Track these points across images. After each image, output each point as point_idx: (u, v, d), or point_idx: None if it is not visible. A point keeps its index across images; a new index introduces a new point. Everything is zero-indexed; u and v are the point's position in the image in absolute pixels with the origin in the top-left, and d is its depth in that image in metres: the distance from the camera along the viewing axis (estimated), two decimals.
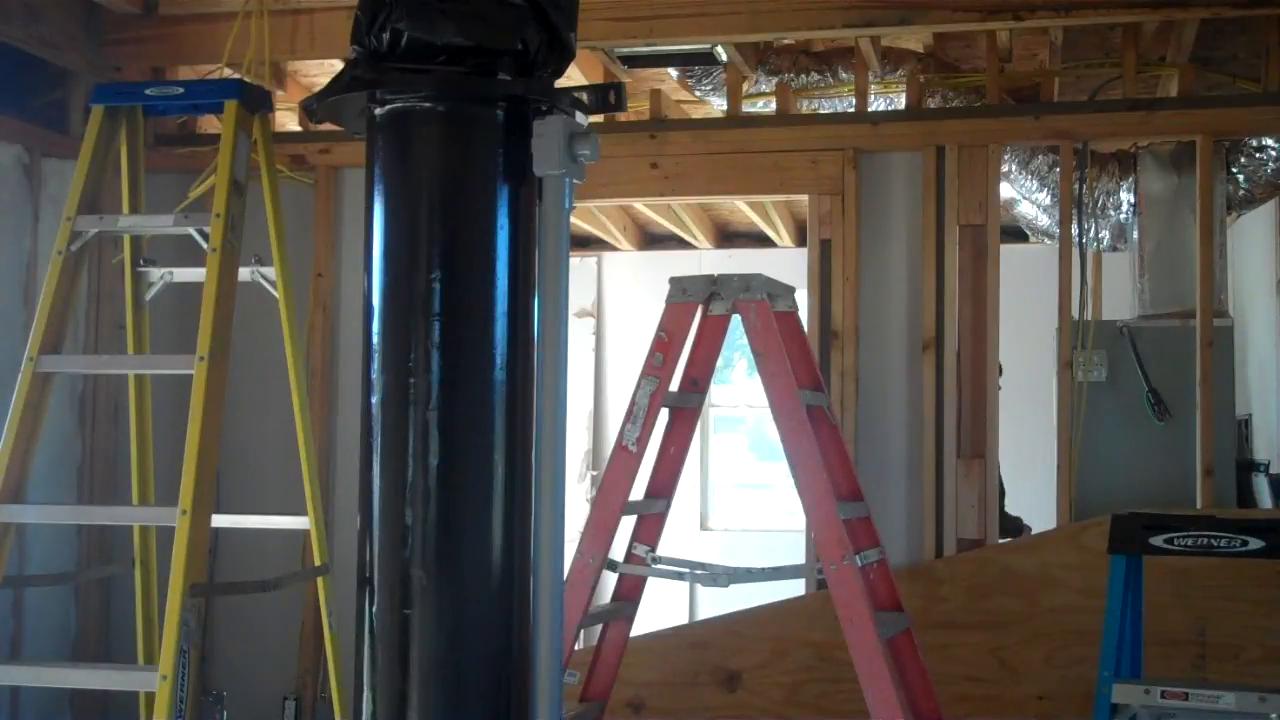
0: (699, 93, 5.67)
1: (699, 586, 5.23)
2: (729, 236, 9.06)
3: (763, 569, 3.94)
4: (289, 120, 6.13)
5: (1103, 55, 5.45)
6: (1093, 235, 5.98)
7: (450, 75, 2.16)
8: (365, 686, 2.16)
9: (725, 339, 4.08)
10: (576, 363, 8.08)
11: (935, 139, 5.02)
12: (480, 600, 2.15)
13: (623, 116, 5.38)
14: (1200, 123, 4.92)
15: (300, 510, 4.11)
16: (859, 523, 3.98)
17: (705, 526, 9.41)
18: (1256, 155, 5.47)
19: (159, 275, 4.10)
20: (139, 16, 5.40)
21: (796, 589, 5.06)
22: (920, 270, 5.00)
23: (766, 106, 5.56)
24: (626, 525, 4.06)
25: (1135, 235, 5.76)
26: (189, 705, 3.26)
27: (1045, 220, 6.10)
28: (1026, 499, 5.93)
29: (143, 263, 4.10)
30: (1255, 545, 3.55)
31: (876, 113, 5.36)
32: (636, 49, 5.28)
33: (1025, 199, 6.04)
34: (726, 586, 3.87)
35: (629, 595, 4.18)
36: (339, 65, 2.79)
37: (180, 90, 4.01)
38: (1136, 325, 5.30)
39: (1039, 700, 4.71)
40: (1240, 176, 5.54)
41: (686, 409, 4.16)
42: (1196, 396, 4.80)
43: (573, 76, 5.13)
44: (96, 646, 5.29)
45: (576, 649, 4.40)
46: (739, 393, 9.82)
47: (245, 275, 3.89)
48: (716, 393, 9.48)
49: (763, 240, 8.78)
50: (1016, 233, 6.79)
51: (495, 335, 2.16)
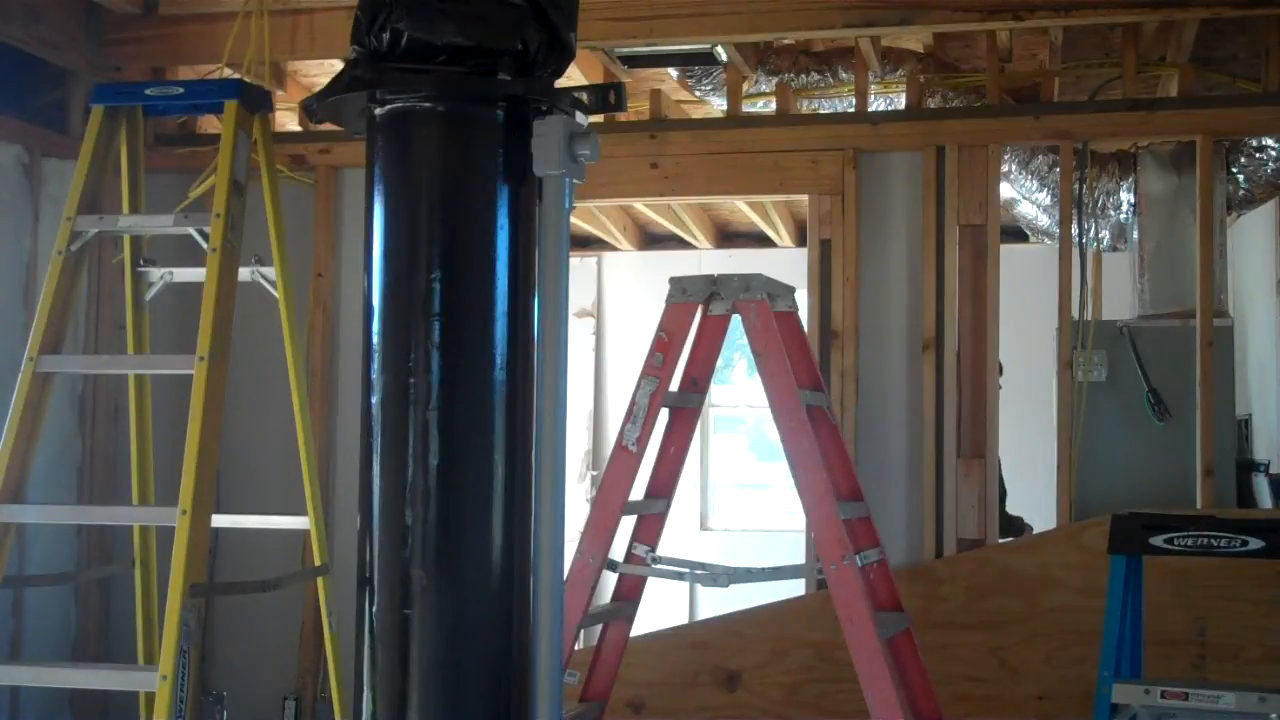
0: (699, 93, 5.67)
1: (699, 586, 5.23)
2: (729, 236, 9.06)
3: (763, 569, 3.94)
4: (289, 120, 6.13)
5: (1103, 55, 5.45)
6: (1093, 235, 5.98)
7: (450, 75, 2.16)
8: (365, 686, 2.16)
9: (725, 339, 4.08)
10: (576, 363, 8.08)
11: (935, 139, 5.02)
12: (480, 600, 2.15)
13: (623, 116, 5.38)
14: (1200, 123, 4.92)
15: (300, 510, 4.11)
16: (859, 523, 3.98)
17: (705, 526, 9.41)
18: (1256, 155, 5.47)
19: (159, 275, 4.10)
20: (139, 16, 5.40)
21: (796, 589, 5.06)
22: (920, 270, 5.00)
23: (766, 106, 5.56)
24: (626, 525, 4.06)
25: (1135, 235, 5.76)
26: (189, 705, 3.26)
27: (1045, 220, 6.10)
28: (1026, 499, 5.93)
29: (143, 263, 4.10)
30: (1255, 545, 3.55)
31: (876, 113, 5.36)
32: (636, 49, 5.28)
33: (1025, 199, 6.04)
34: (726, 586, 3.87)
35: (629, 595, 4.18)
36: (339, 65, 2.79)
37: (180, 90, 4.01)
38: (1136, 325, 5.30)
39: (1039, 700, 4.71)
40: (1240, 176, 5.54)
41: (686, 409, 4.16)
42: (1196, 396, 4.80)
43: (573, 76, 5.13)
44: (96, 646, 5.29)
45: (576, 649, 4.40)
46: (739, 393, 9.82)
47: (245, 275, 3.89)
48: (716, 393, 9.47)
49: (763, 240, 8.78)
50: (1016, 233, 6.79)
51: (495, 335, 2.16)
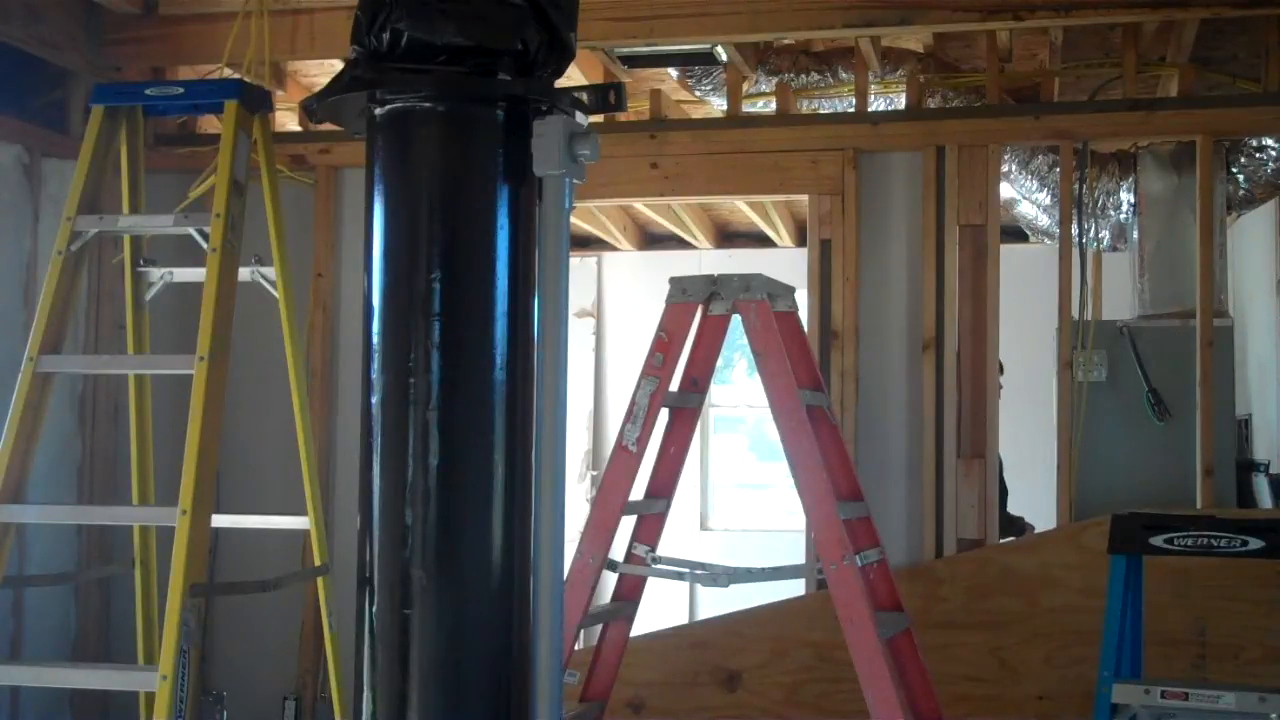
0: (699, 93, 5.67)
1: (699, 586, 5.22)
2: (729, 236, 9.06)
3: (763, 569, 3.94)
4: (289, 120, 6.13)
5: (1103, 55, 5.45)
6: (1093, 235, 5.98)
7: (450, 75, 2.16)
8: (365, 686, 2.16)
9: (725, 339, 4.08)
10: (576, 363, 8.08)
11: (935, 139, 5.02)
12: (480, 600, 2.15)
13: (623, 116, 5.38)
14: (1200, 123, 4.92)
15: (300, 510, 4.11)
16: (859, 523, 3.98)
17: (705, 526, 9.41)
18: (1256, 155, 5.47)
19: (159, 275, 4.10)
20: (139, 16, 5.40)
21: (796, 589, 5.05)
22: (920, 270, 5.00)
23: (766, 106, 5.56)
24: (626, 525, 4.06)
25: (1135, 235, 5.76)
26: (189, 705, 3.26)
27: (1045, 220, 6.10)
28: (1026, 499, 5.93)
29: (143, 263, 4.10)
30: (1255, 545, 3.55)
31: (876, 113, 5.36)
32: (636, 49, 5.28)
33: (1025, 199, 6.04)
34: (726, 586, 3.87)
35: (629, 595, 4.18)
36: (339, 65, 2.79)
37: (180, 90, 4.01)
38: (1136, 325, 5.30)
39: (1039, 700, 4.71)
40: (1240, 176, 5.54)
41: (686, 409, 4.16)
42: (1196, 396, 4.80)
43: (573, 76, 5.13)
44: (96, 646, 5.29)
45: (576, 649, 4.40)
46: (739, 393, 9.82)
47: (245, 275, 3.89)
48: (716, 393, 9.47)
49: (763, 240, 8.78)
50: (1016, 233, 6.79)
51: (495, 335, 2.16)
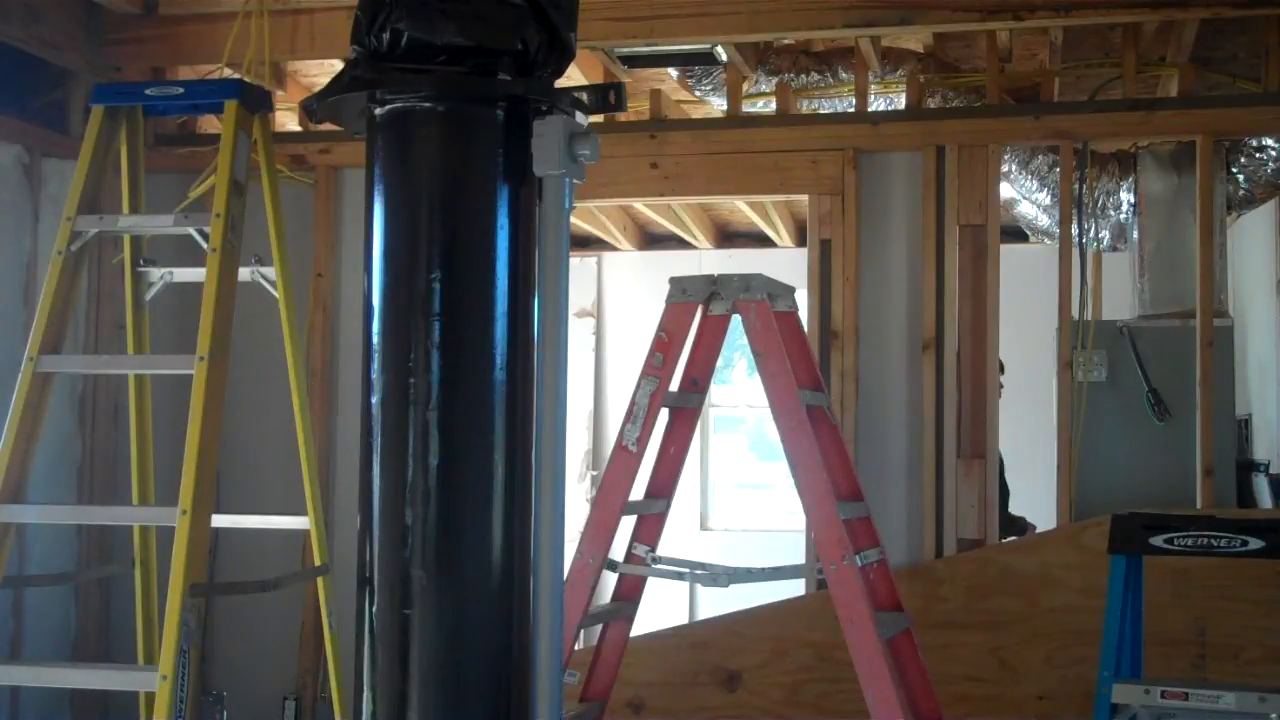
0: (699, 93, 5.67)
1: (699, 586, 5.22)
2: (729, 236, 9.06)
3: (763, 569, 3.94)
4: (289, 120, 6.13)
5: (1103, 55, 5.45)
6: (1093, 235, 5.98)
7: (450, 75, 2.16)
8: (365, 686, 2.16)
9: (725, 339, 4.08)
10: (576, 363, 8.08)
11: (935, 139, 5.02)
12: (480, 600, 2.15)
13: (623, 116, 5.38)
14: (1200, 123, 4.92)
15: (300, 510, 4.11)
16: (859, 523, 3.98)
17: (705, 526, 9.41)
18: (1256, 155, 5.47)
19: (159, 275, 4.10)
20: (139, 16, 5.40)
21: (796, 589, 5.05)
22: (920, 270, 5.00)
23: (766, 106, 5.56)
24: (626, 525, 4.06)
25: (1135, 235, 5.76)
26: (189, 705, 3.26)
27: (1045, 220, 6.10)
28: (1026, 499, 5.93)
29: (143, 263, 4.10)
30: (1255, 545, 3.55)
31: (876, 113, 5.36)
32: (636, 49, 5.28)
33: (1025, 199, 6.04)
34: (726, 586, 3.87)
35: (629, 595, 4.18)
36: (339, 65, 2.79)
37: (180, 90, 4.01)
38: (1136, 325, 5.30)
39: (1039, 700, 4.71)
40: (1240, 176, 5.54)
41: (686, 409, 4.16)
42: (1196, 396, 4.80)
43: (573, 76, 5.13)
44: (96, 646, 5.29)
45: (576, 649, 4.40)
46: (739, 393, 9.82)
47: (245, 275, 3.89)
48: (716, 393, 9.47)
49: (763, 240, 8.78)
50: (1016, 233, 6.79)
51: (495, 335, 2.16)
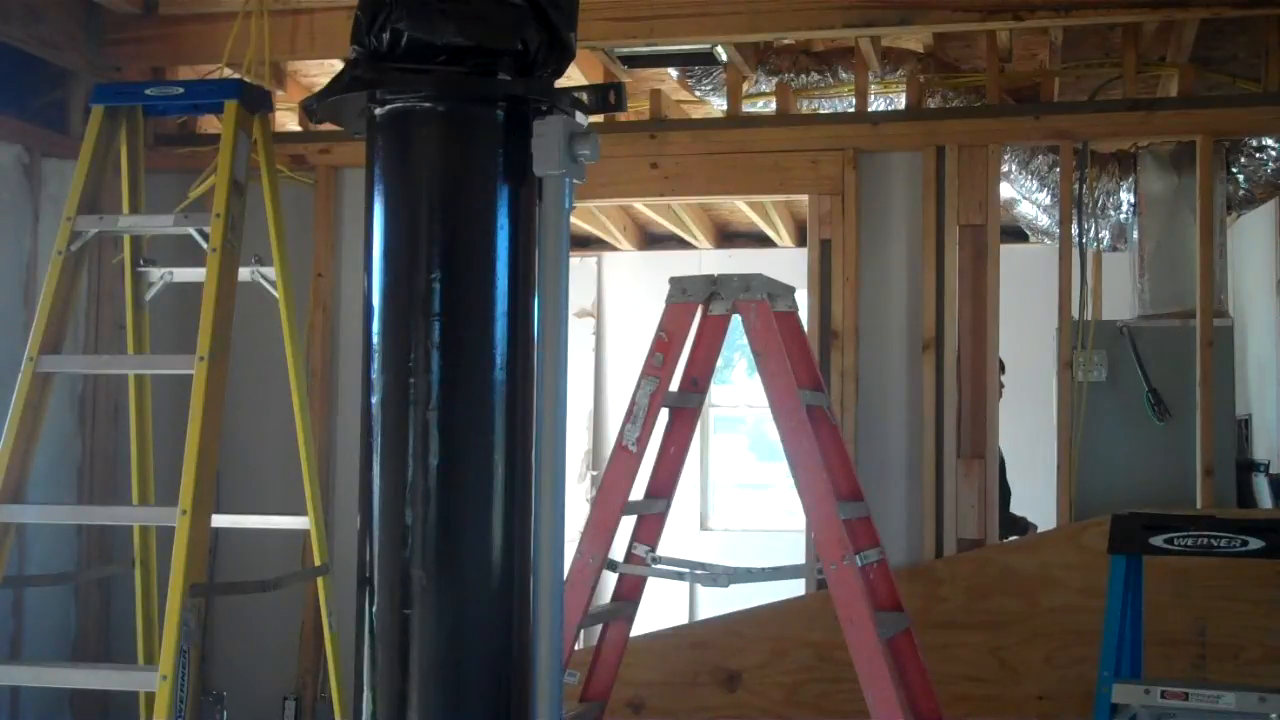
0: (699, 93, 5.67)
1: (699, 586, 5.22)
2: (729, 236, 9.06)
3: (763, 569, 3.94)
4: (289, 120, 6.13)
5: (1103, 55, 5.45)
6: (1093, 235, 5.98)
7: (450, 75, 2.16)
8: (365, 686, 2.16)
9: (725, 339, 4.08)
10: (576, 363, 8.08)
11: (935, 139, 5.02)
12: (480, 600, 2.15)
13: (623, 116, 5.38)
14: (1200, 123, 4.92)
15: (300, 510, 4.11)
16: (859, 523, 3.98)
17: (705, 526, 9.41)
18: (1256, 155, 5.47)
19: (159, 275, 4.10)
20: (139, 16, 5.40)
21: (796, 589, 5.05)
22: (920, 270, 5.00)
23: (766, 106, 5.56)
24: (626, 525, 4.06)
25: (1135, 235, 5.76)
26: (189, 705, 3.26)
27: (1045, 220, 6.10)
28: (1027, 499, 5.94)
29: (143, 263, 4.10)
30: (1255, 545, 3.55)
31: (876, 113, 5.36)
32: (636, 49, 5.28)
33: (1025, 199, 6.04)
34: (726, 586, 3.87)
35: (629, 595, 4.18)
36: (339, 65, 2.79)
37: (180, 90, 4.01)
38: (1136, 325, 5.30)
39: (1039, 700, 4.71)
40: (1240, 176, 5.54)
41: (686, 409, 4.16)
42: (1196, 396, 4.80)
43: (573, 76, 5.13)
44: (96, 646, 5.28)
45: (576, 649, 4.40)
46: (739, 393, 9.82)
47: (245, 275, 3.89)
48: (716, 393, 9.47)
49: (763, 240, 8.78)
50: (1016, 233, 6.79)
51: (495, 335, 2.16)
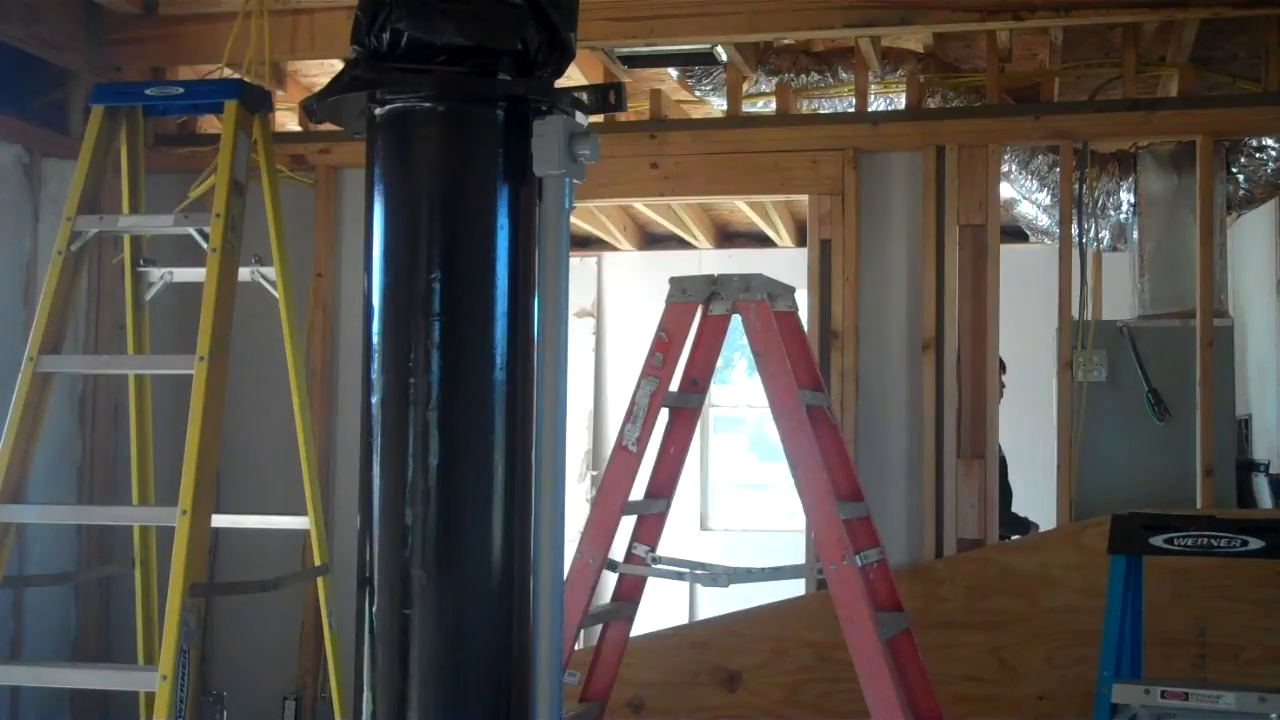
0: (699, 93, 5.67)
1: (699, 586, 5.22)
2: (729, 236, 9.06)
3: (763, 569, 3.94)
4: (289, 120, 6.13)
5: (1103, 55, 5.45)
6: (1093, 235, 5.98)
7: (450, 75, 2.16)
8: (365, 686, 2.16)
9: (725, 339, 4.08)
10: (576, 363, 8.08)
11: (935, 139, 5.02)
12: (480, 600, 2.15)
13: (623, 116, 5.38)
14: (1200, 123, 4.92)
15: (300, 510, 4.11)
16: (859, 523, 3.98)
17: (705, 526, 9.41)
18: (1256, 155, 5.46)
19: (159, 275, 4.11)
20: (139, 16, 5.40)
21: (796, 589, 5.05)
22: (920, 270, 5.00)
23: (766, 106, 5.56)
24: (626, 525, 4.06)
25: (1135, 235, 5.76)
26: (189, 705, 3.26)
27: (1045, 220, 6.10)
28: (1027, 499, 5.94)
29: (143, 263, 4.10)
30: (1255, 545, 3.55)
31: (876, 113, 5.36)
32: (636, 49, 5.28)
33: (1025, 199, 6.04)
34: (726, 586, 3.87)
35: (629, 595, 4.18)
36: (339, 65, 2.79)
37: (180, 90, 4.01)
38: (1136, 325, 5.30)
39: (1039, 700, 4.71)
40: (1240, 176, 5.54)
41: (686, 409, 4.16)
42: (1196, 396, 4.80)
43: (573, 76, 5.13)
44: (96, 646, 5.28)
45: (576, 649, 4.40)
46: (739, 393, 9.82)
47: (245, 275, 3.89)
48: (716, 393, 9.47)
49: (763, 240, 8.78)
50: (1016, 233, 6.79)
51: (495, 335, 2.16)
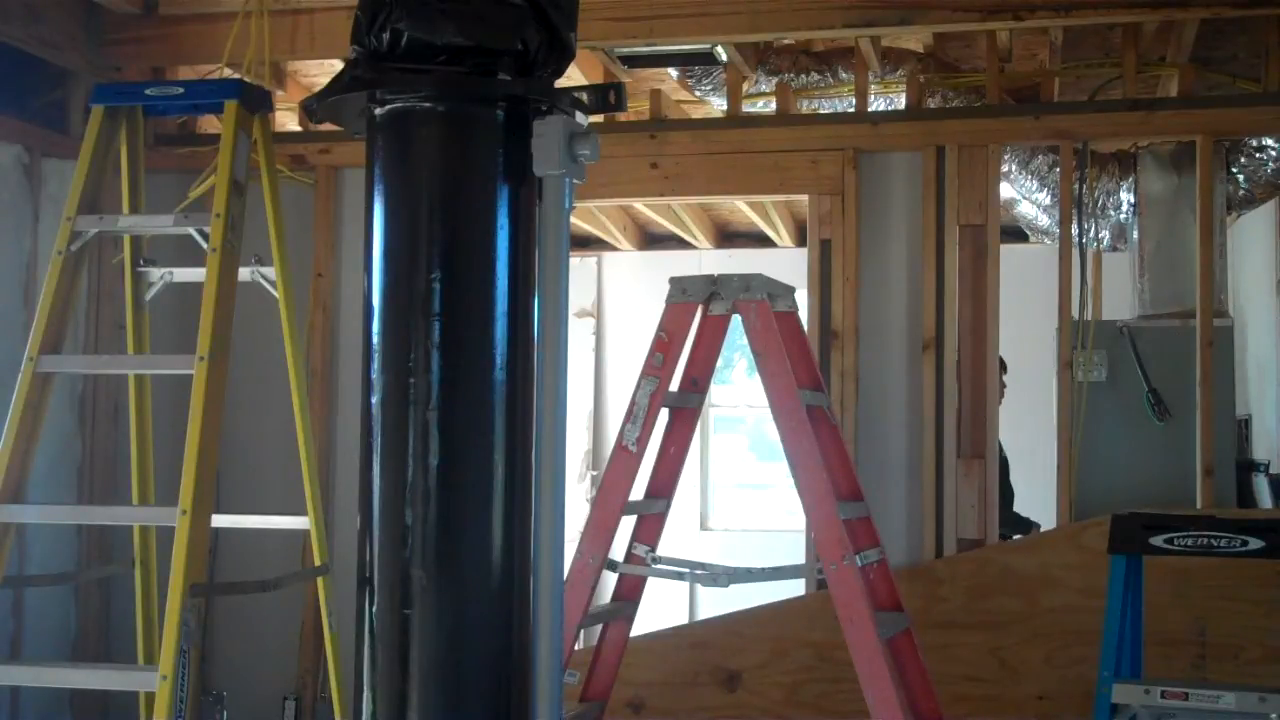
0: (699, 93, 5.67)
1: (699, 586, 5.22)
2: (729, 236, 9.06)
3: (763, 569, 3.94)
4: (289, 120, 6.13)
5: (1103, 55, 5.45)
6: (1093, 235, 5.98)
7: (450, 75, 2.16)
8: (365, 686, 2.16)
9: (725, 339, 4.08)
10: (576, 363, 8.08)
11: (935, 139, 5.02)
12: (480, 600, 2.15)
13: (623, 116, 5.38)
14: (1200, 123, 4.92)
15: (300, 510, 4.11)
16: (859, 523, 3.98)
17: (705, 526, 9.41)
18: (1256, 155, 5.46)
19: (159, 275, 4.11)
20: (139, 16, 5.40)
21: (796, 589, 5.05)
22: (920, 270, 5.00)
23: (766, 106, 5.56)
24: (626, 525, 4.06)
25: (1135, 235, 5.76)
26: (189, 705, 3.26)
27: (1045, 220, 6.10)
28: (1027, 499, 5.94)
29: (143, 263, 4.10)
30: (1255, 545, 3.55)
31: (876, 113, 5.36)
32: (636, 49, 5.28)
33: (1025, 199, 6.04)
34: (726, 586, 3.87)
35: (629, 595, 4.18)
36: (339, 65, 2.79)
37: (180, 90, 4.01)
38: (1136, 325, 5.30)
39: (1039, 700, 4.71)
40: (1240, 176, 5.54)
41: (686, 409, 4.16)
42: (1196, 396, 4.80)
43: (573, 76, 5.13)
44: (96, 646, 5.28)
45: (576, 649, 4.40)
46: (739, 393, 9.82)
47: (245, 275, 3.89)
48: (716, 393, 9.47)
49: (763, 240, 8.78)
50: (1016, 233, 6.79)
51: (495, 335, 2.16)
